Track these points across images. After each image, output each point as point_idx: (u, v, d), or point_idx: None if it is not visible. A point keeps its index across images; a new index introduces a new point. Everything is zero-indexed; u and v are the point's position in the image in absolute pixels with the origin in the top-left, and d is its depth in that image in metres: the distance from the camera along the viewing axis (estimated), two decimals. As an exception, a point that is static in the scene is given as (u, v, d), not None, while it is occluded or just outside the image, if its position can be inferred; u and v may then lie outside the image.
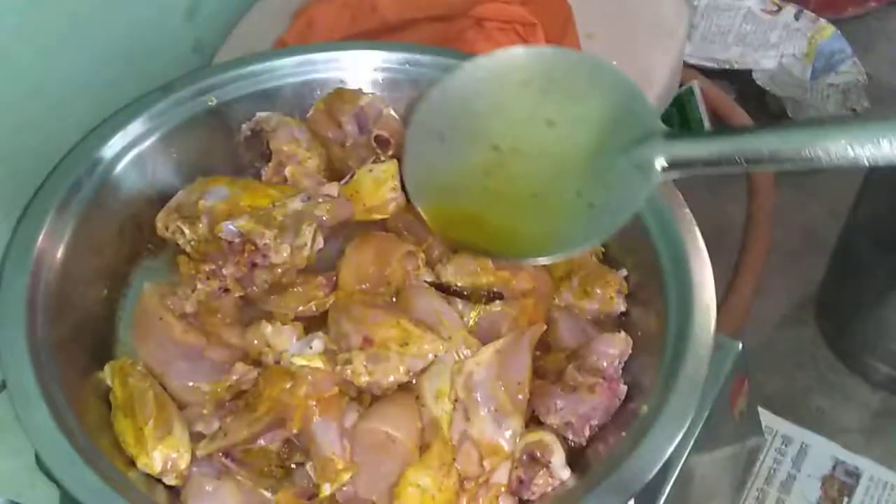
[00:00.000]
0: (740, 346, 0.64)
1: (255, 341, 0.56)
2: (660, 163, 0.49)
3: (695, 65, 0.97)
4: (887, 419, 0.79)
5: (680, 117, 0.93)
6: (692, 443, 0.59)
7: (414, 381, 0.55)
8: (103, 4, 0.74)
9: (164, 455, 0.52)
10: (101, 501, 0.48)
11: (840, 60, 0.95)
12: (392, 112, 0.65)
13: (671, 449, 0.51)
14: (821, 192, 0.90)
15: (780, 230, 0.88)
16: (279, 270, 0.58)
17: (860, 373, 0.82)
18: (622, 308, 0.60)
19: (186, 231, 0.60)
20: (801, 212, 0.92)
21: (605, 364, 0.56)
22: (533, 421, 0.55)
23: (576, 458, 0.54)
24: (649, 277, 0.59)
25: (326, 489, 0.51)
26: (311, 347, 0.55)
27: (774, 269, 0.87)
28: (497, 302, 0.59)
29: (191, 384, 0.55)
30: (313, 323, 0.58)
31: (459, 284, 0.60)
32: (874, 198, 0.76)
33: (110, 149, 0.59)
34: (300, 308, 0.58)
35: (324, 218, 0.59)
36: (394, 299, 0.59)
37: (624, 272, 0.61)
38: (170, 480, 0.52)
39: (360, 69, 0.67)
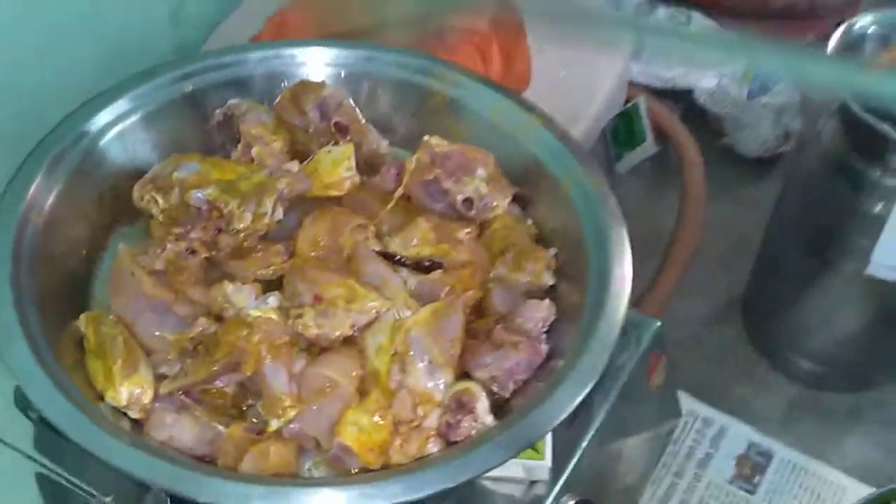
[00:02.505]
0: (658, 324, 0.71)
1: (218, 298, 0.62)
2: None
3: (642, 83, 1.05)
4: (801, 409, 0.86)
5: (626, 130, 1.01)
6: (609, 404, 0.66)
7: (358, 336, 0.61)
8: (86, 12, 0.80)
9: (129, 390, 0.58)
10: (76, 427, 0.53)
11: (774, 82, 1.03)
12: (351, 102, 0.72)
13: (581, 397, 0.57)
14: (753, 203, 0.97)
15: (712, 238, 0.96)
16: (241, 236, 0.64)
17: (780, 368, 0.89)
18: (550, 282, 0.66)
19: (160, 200, 0.66)
20: (734, 222, 0.99)
21: (529, 326, 0.62)
22: (463, 376, 0.61)
23: (500, 409, 0.60)
24: (575, 256, 0.66)
25: (274, 424, 0.57)
26: (266, 303, 0.62)
27: (705, 273, 0.94)
28: (437, 271, 0.66)
29: (157, 334, 0.61)
30: (270, 286, 0.63)
31: (404, 255, 0.66)
32: (792, 203, 0.84)
33: (95, 124, 0.66)
34: (259, 272, 0.64)
35: (284, 190, 0.65)
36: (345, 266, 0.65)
37: (554, 251, 0.67)
38: (134, 414, 0.58)
39: (323, 64, 0.74)
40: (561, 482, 0.62)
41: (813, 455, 0.81)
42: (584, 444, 0.64)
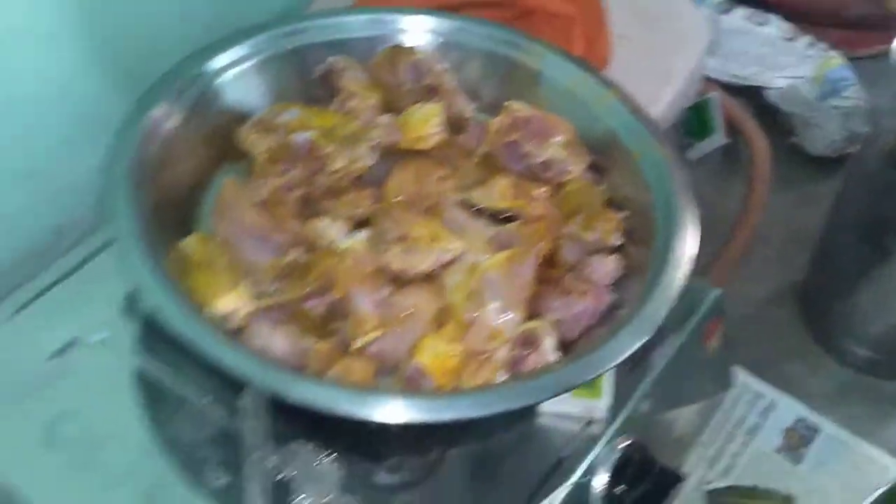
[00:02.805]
0: (719, 292, 0.75)
1: (312, 231, 0.68)
2: None
3: (717, 79, 1.09)
4: (851, 391, 0.89)
5: (698, 121, 1.05)
6: (667, 358, 0.70)
7: (438, 273, 0.67)
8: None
9: (231, 303, 0.63)
10: (186, 328, 0.58)
11: (844, 87, 1.06)
12: (443, 67, 0.78)
13: (640, 343, 0.61)
14: (815, 199, 1.00)
15: (773, 229, 1.00)
16: (336, 177, 0.70)
17: (834, 352, 0.92)
18: (618, 242, 0.71)
19: (263, 141, 0.72)
20: (795, 215, 1.03)
21: (596, 276, 0.67)
22: (532, 319, 0.66)
23: (564, 351, 0.65)
24: (643, 221, 0.71)
25: (357, 343, 0.63)
26: (356, 237, 0.67)
27: (765, 260, 0.99)
28: (513, 223, 0.71)
29: (256, 258, 0.67)
30: (358, 227, 0.70)
31: (483, 206, 0.72)
32: (853, 195, 0.87)
33: (213, 65, 0.72)
34: (350, 211, 0.70)
35: (377, 139, 0.71)
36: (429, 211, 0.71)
37: (623, 214, 0.72)
38: (233, 324, 0.64)
39: (421, 32, 0.80)
40: (616, 423, 0.67)
41: (859, 434, 0.85)
42: (641, 391, 0.69)
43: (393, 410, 0.56)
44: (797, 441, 0.84)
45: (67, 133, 0.80)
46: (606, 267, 0.68)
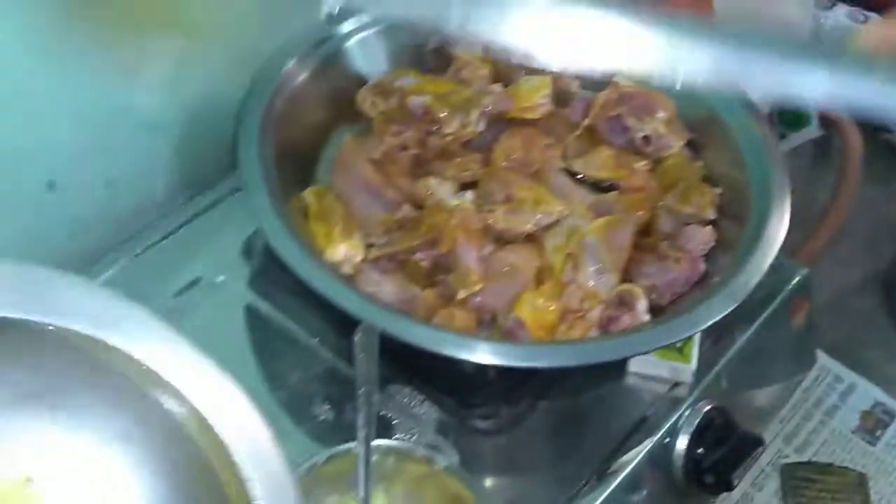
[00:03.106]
0: (806, 271, 0.78)
1: (423, 189, 0.72)
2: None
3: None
4: (931, 379, 0.92)
5: (792, 112, 1.07)
6: (752, 329, 0.73)
7: (539, 235, 0.71)
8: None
9: (345, 250, 0.68)
10: (306, 268, 0.63)
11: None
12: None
13: (729, 309, 0.65)
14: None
15: (861, 220, 1.02)
16: (448, 140, 0.74)
17: (916, 343, 0.94)
18: (713, 216, 0.74)
19: (381, 103, 0.76)
20: (884, 208, 1.05)
21: (691, 246, 0.71)
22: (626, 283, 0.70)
23: (655, 315, 0.69)
24: (738, 197, 0.74)
25: (461, 294, 0.67)
26: (464, 196, 0.72)
27: (852, 249, 1.01)
28: (613, 192, 0.74)
29: (369, 212, 0.72)
30: (465, 188, 0.74)
31: (585, 175, 0.75)
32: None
33: (341, 28, 0.77)
34: (459, 173, 0.74)
35: (487, 107, 0.75)
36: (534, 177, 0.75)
37: (719, 190, 0.75)
38: (346, 270, 0.68)
39: (532, 7, 0.83)
40: (701, 387, 0.70)
41: (937, 422, 0.87)
42: (726, 359, 0.72)
43: (495, 354, 0.60)
44: (874, 423, 0.86)
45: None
46: (702, 236, 0.71)
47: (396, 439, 0.65)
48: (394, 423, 0.66)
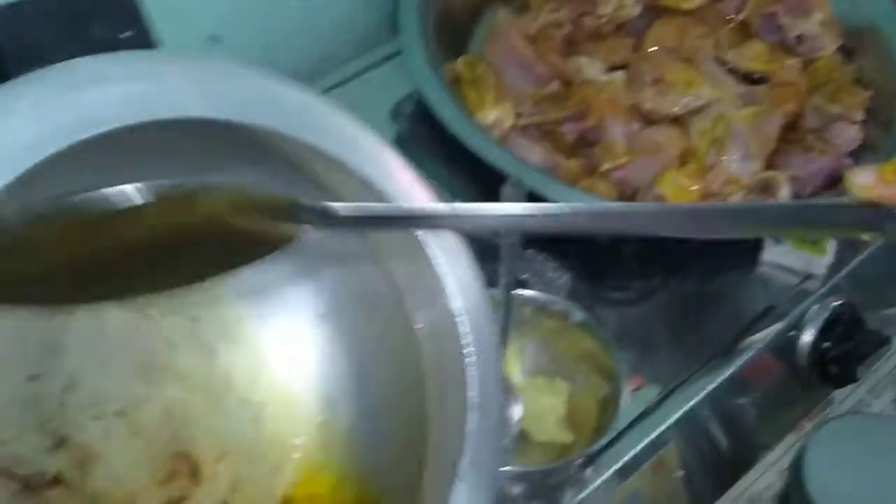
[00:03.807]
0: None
1: (573, 67, 0.74)
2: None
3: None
4: None
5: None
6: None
7: (686, 118, 0.72)
8: None
9: (496, 114, 0.70)
10: (461, 127, 0.66)
11: None
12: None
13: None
14: None
15: None
16: (602, 20, 0.76)
17: None
18: (860, 118, 0.73)
19: (538, -20, 0.78)
20: None
21: (838, 141, 0.71)
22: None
23: (795, 206, 0.69)
24: (889, 103, 0.73)
25: (605, 165, 0.69)
26: (613, 75, 0.73)
27: None
28: (763, 85, 0.75)
29: (519, 85, 0.74)
30: (616, 71, 0.75)
31: (738, 66, 0.76)
32: None
33: None
34: (609, 56, 0.75)
35: (644, -8, 0.76)
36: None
37: (869, 93, 0.75)
38: (495, 134, 0.71)
39: None
40: (832, 282, 0.71)
41: None
42: (861, 257, 0.72)
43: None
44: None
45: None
46: (849, 133, 0.71)
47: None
48: (529, 284, 0.69)
